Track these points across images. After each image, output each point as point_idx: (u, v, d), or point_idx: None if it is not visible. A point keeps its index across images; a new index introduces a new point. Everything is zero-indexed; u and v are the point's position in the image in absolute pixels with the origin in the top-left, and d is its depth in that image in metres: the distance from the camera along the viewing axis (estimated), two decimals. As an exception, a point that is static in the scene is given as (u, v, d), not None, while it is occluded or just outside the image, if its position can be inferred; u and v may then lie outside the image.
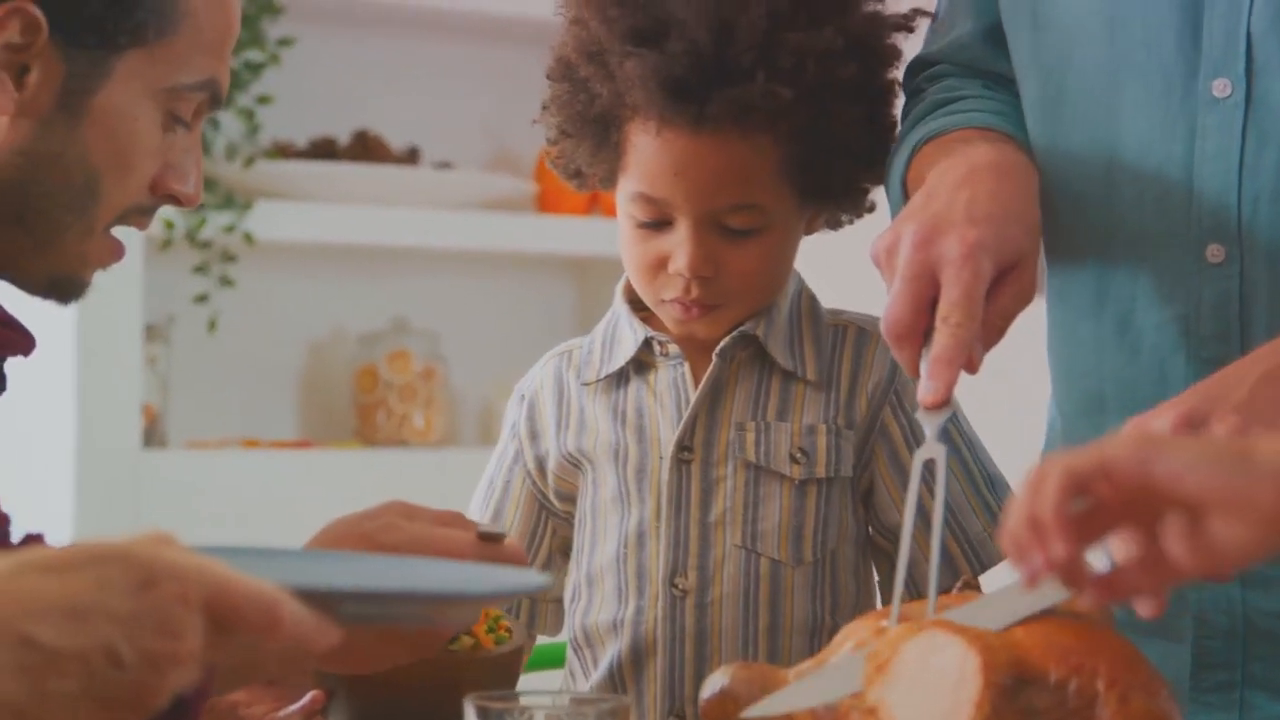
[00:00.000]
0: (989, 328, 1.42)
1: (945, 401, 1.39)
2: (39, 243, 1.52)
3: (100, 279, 1.58)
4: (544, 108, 1.80)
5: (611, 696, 1.47)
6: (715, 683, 1.40)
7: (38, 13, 1.46)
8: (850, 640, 1.35)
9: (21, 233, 1.52)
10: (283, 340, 4.09)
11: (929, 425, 1.38)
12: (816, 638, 1.72)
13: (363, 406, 4.06)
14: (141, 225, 1.58)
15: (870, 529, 1.77)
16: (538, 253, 4.19)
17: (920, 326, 1.41)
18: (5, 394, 1.56)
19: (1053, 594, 1.28)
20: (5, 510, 1.47)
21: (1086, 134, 1.57)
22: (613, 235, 4.15)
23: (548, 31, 4.49)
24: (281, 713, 1.63)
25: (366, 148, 4.03)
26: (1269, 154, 1.49)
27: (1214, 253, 1.51)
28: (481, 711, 1.32)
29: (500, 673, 1.64)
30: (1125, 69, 1.54)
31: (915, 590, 1.73)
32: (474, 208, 4.07)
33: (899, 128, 1.73)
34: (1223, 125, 1.50)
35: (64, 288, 1.56)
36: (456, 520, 1.49)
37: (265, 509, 3.76)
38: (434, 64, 4.22)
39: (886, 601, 1.78)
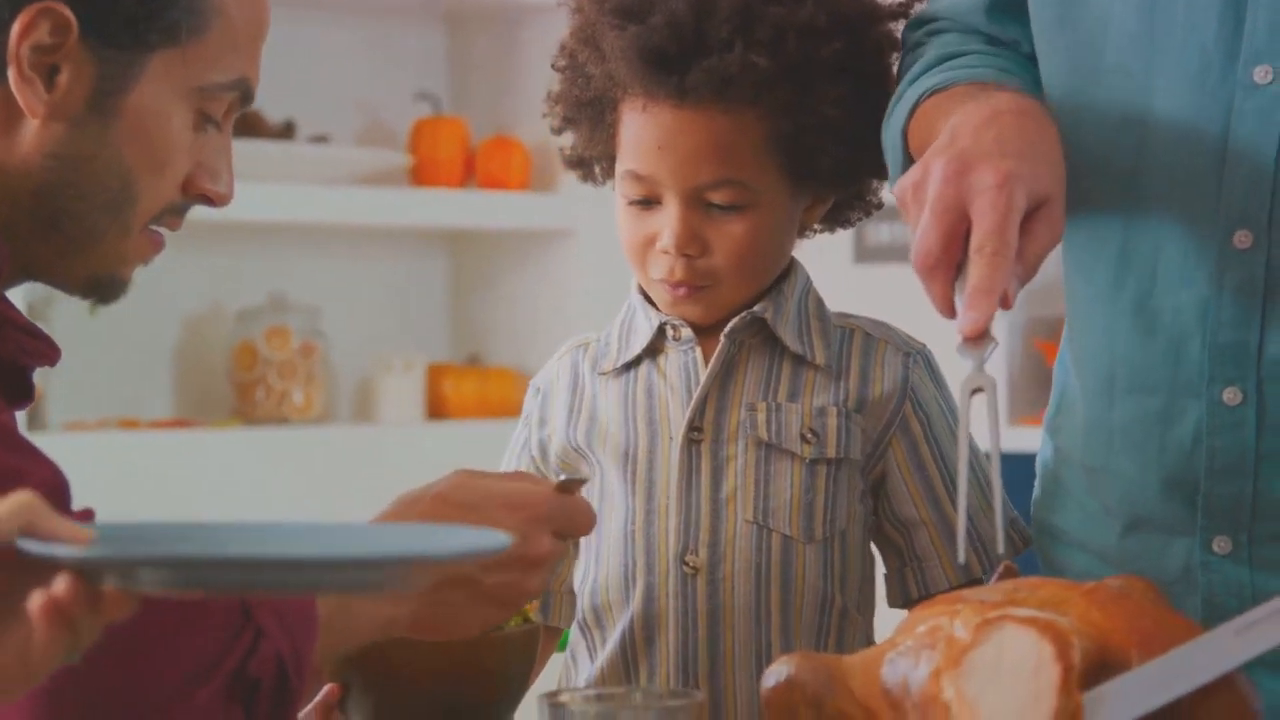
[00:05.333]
0: (1022, 262, 1.39)
1: (986, 331, 1.35)
2: (76, 246, 1.50)
3: None
4: (548, 98, 1.81)
5: (686, 691, 1.47)
6: (779, 672, 1.40)
7: (68, 13, 1.44)
8: (924, 624, 1.35)
9: (59, 237, 1.49)
10: (159, 318, 4.03)
11: (972, 357, 1.35)
12: (826, 614, 1.74)
13: (241, 384, 4.01)
14: (174, 226, 1.55)
15: (881, 519, 1.79)
16: (413, 226, 4.17)
17: (952, 259, 1.38)
18: None
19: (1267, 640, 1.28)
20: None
21: (1118, 109, 1.57)
22: (488, 206, 4.16)
23: (420, 5, 4.45)
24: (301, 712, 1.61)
25: (242, 122, 3.96)
26: None
27: (1241, 238, 1.51)
28: (555, 710, 1.31)
29: (519, 654, 1.63)
30: (1163, 46, 1.53)
31: (921, 576, 1.75)
32: (349, 182, 4.04)
33: (897, 84, 1.72)
34: (1261, 111, 1.50)
35: (104, 287, 1.54)
36: (526, 478, 1.51)
37: (144, 490, 3.71)
38: (309, 37, 4.17)
39: (891, 596, 1.80)
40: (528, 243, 4.25)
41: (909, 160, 1.61)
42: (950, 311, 1.38)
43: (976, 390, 1.34)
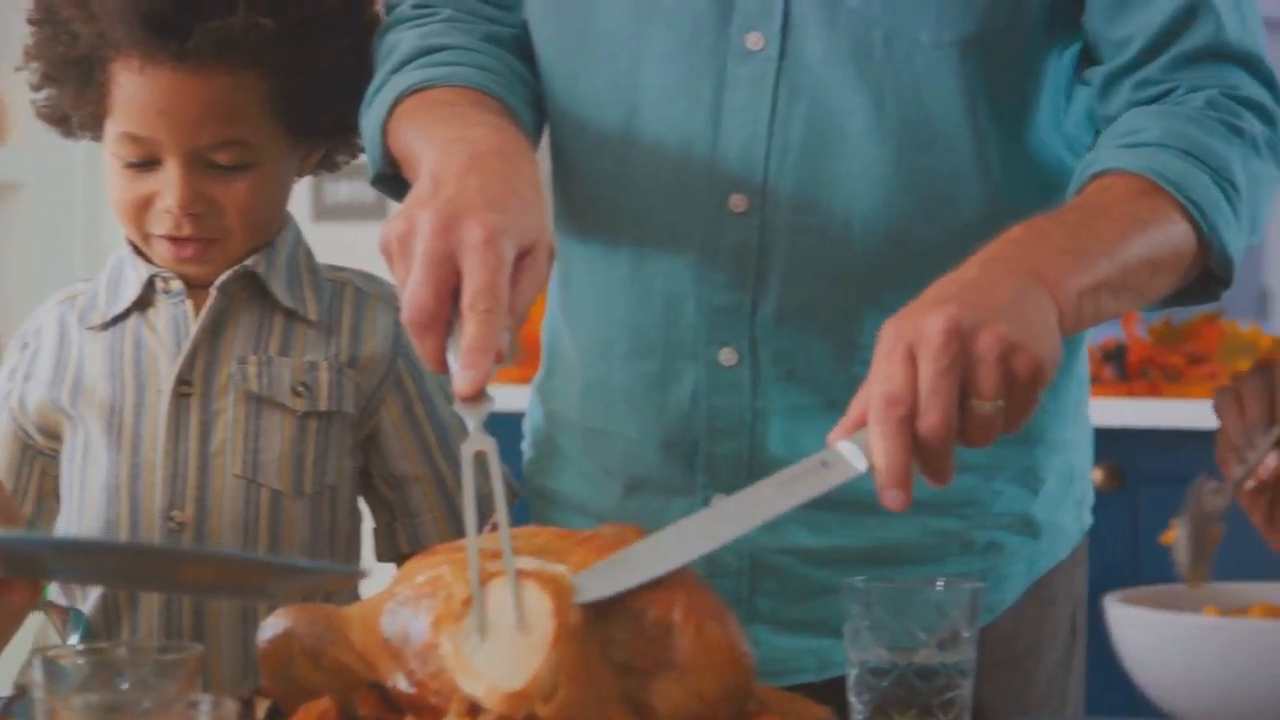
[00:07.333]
0: (511, 313, 1.40)
1: (483, 391, 1.36)
2: None
3: None
4: (26, 54, 1.77)
5: (181, 644, 1.45)
6: (275, 624, 1.39)
7: None
8: (424, 574, 1.36)
9: None
10: None
11: (470, 417, 1.36)
12: (315, 571, 1.74)
13: None
14: None
15: (373, 474, 1.80)
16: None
17: (444, 315, 1.38)
18: None
19: (840, 474, 1.34)
20: None
21: (607, 78, 1.61)
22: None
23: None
24: None
25: None
26: (800, 107, 1.56)
27: (736, 202, 1.57)
28: (48, 666, 1.28)
29: None
30: (652, 14, 1.58)
31: (413, 530, 1.78)
32: None
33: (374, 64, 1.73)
34: (754, 77, 1.56)
35: None
36: None
37: None
38: None
39: (380, 551, 1.81)
40: (-26, 195, 4.12)
41: (387, 156, 1.62)
42: (441, 367, 1.39)
43: (479, 453, 1.35)
